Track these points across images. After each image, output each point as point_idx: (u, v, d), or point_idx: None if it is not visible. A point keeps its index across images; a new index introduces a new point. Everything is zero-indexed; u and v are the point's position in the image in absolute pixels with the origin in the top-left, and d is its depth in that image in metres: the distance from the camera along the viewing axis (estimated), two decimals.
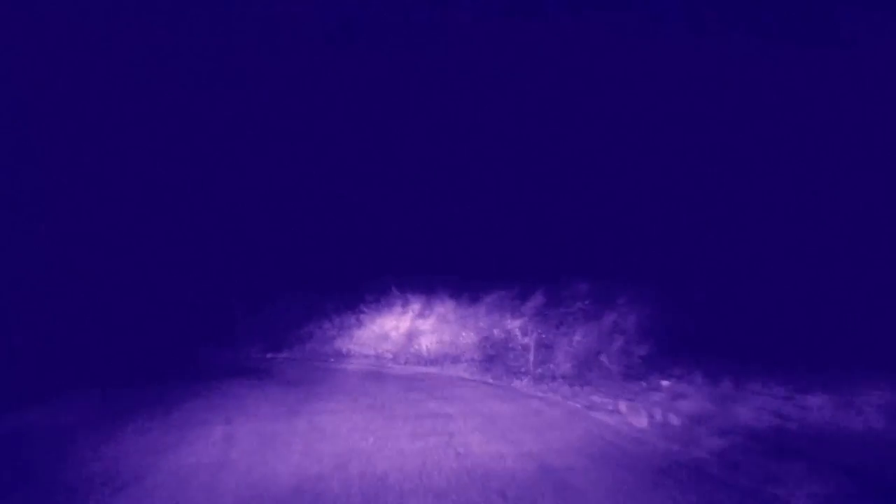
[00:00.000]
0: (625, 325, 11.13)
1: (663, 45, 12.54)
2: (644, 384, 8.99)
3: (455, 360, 14.00)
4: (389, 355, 15.92)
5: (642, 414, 7.23)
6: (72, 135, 16.99)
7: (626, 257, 12.66)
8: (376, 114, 17.79)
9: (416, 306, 17.21)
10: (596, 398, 8.71)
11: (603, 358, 10.43)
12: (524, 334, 13.58)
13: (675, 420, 6.85)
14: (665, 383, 8.47)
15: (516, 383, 10.77)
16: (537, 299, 14.49)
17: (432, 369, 13.71)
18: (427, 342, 15.61)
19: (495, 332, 14.61)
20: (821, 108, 9.68)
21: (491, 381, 11.35)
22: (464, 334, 15.09)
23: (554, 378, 10.75)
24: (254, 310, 19.12)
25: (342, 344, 17.34)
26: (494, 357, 13.35)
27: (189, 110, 17.53)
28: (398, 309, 17.44)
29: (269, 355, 17.54)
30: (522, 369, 11.94)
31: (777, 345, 7.99)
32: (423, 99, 17.13)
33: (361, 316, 17.90)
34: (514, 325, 14.37)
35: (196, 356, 15.95)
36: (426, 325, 16.36)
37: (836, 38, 9.99)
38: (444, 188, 18.80)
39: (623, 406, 7.67)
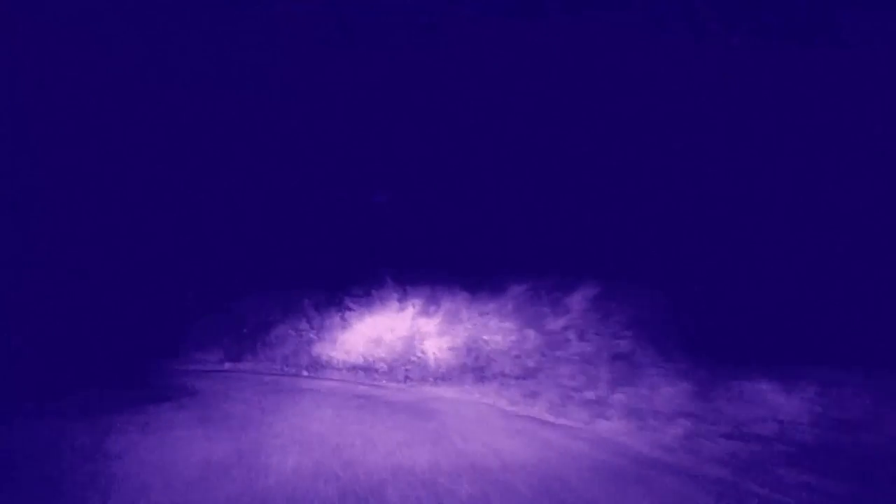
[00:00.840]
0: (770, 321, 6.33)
1: (662, 44, 11.23)
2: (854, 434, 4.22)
3: (479, 375, 9.12)
4: (383, 366, 11.05)
5: None
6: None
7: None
8: (376, 108, 14.82)
9: (417, 301, 12.35)
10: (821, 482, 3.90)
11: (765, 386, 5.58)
12: (580, 338, 8.75)
13: None
14: None
15: (602, 426, 5.93)
16: (589, 289, 9.70)
17: (447, 391, 8.82)
18: (434, 349, 10.76)
19: (530, 334, 9.81)
20: (821, 108, 8.91)
21: (551, 417, 6.49)
22: (485, 338, 10.26)
23: (656, 415, 5.93)
24: (213, 307, 14.23)
25: (322, 350, 12.45)
26: (537, 372, 8.50)
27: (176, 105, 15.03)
28: (394, 304, 12.58)
29: (226, 365, 12.65)
30: (591, 395, 7.12)
31: None
32: (429, 93, 14.08)
33: (347, 314, 13.02)
34: (558, 324, 9.56)
35: (118, 369, 11.02)
36: (431, 325, 11.49)
37: (837, 38, 9.33)
38: (446, 172, 14.34)
39: None
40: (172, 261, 14.90)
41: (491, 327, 10.42)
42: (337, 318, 13.02)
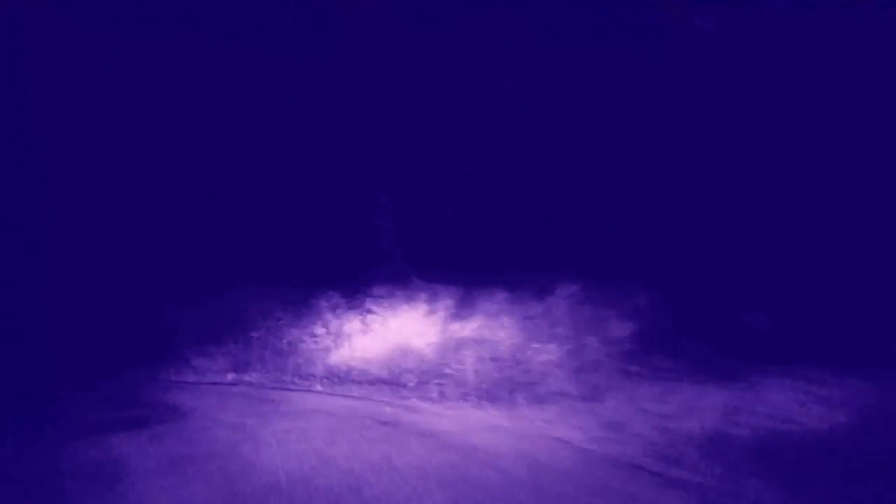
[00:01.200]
0: None
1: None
2: None
3: (532, 394, 7.15)
4: (412, 380, 9.12)
5: None
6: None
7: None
8: (406, 95, 13.32)
9: (449, 302, 10.45)
10: None
11: None
12: (661, 348, 6.79)
13: None
14: None
15: (752, 485, 3.98)
16: (666, 287, 7.72)
17: (497, 416, 6.87)
18: (472, 359, 8.82)
19: (591, 342, 7.86)
20: (821, 105, 8.25)
21: (662, 467, 4.53)
22: (535, 347, 8.33)
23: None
24: (218, 309, 12.45)
25: (340, 359, 10.56)
26: (609, 392, 6.54)
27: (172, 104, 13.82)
28: (422, 306, 10.68)
29: (230, 377, 10.83)
30: (696, 426, 5.16)
31: None
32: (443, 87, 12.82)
33: (369, 318, 11.14)
34: (626, 330, 7.60)
35: (96, 379, 9.26)
36: (467, 330, 9.57)
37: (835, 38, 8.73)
38: (476, 159, 12.56)
39: None
40: (175, 259, 13.21)
41: (541, 334, 8.48)
42: (357, 322, 11.15)
